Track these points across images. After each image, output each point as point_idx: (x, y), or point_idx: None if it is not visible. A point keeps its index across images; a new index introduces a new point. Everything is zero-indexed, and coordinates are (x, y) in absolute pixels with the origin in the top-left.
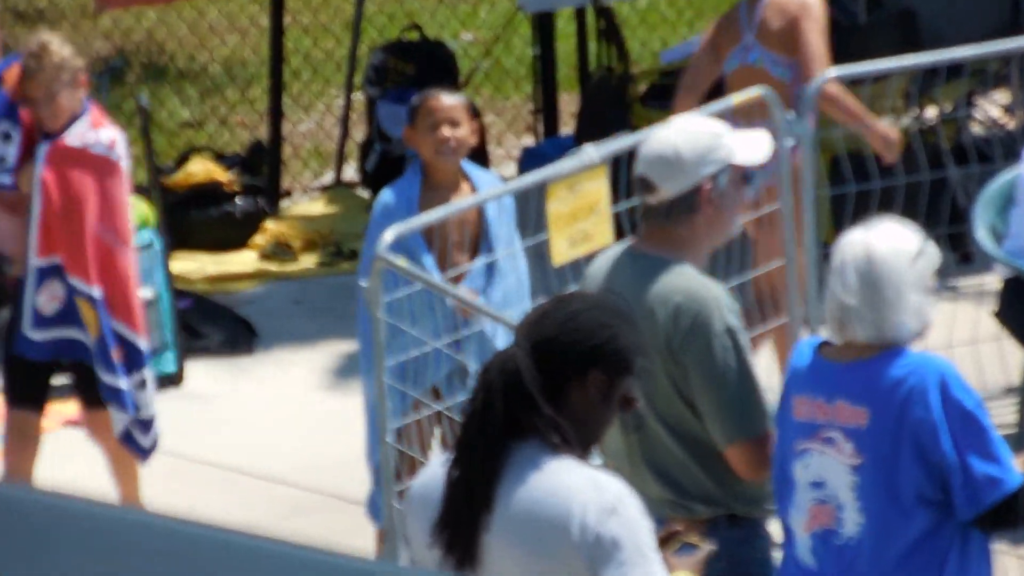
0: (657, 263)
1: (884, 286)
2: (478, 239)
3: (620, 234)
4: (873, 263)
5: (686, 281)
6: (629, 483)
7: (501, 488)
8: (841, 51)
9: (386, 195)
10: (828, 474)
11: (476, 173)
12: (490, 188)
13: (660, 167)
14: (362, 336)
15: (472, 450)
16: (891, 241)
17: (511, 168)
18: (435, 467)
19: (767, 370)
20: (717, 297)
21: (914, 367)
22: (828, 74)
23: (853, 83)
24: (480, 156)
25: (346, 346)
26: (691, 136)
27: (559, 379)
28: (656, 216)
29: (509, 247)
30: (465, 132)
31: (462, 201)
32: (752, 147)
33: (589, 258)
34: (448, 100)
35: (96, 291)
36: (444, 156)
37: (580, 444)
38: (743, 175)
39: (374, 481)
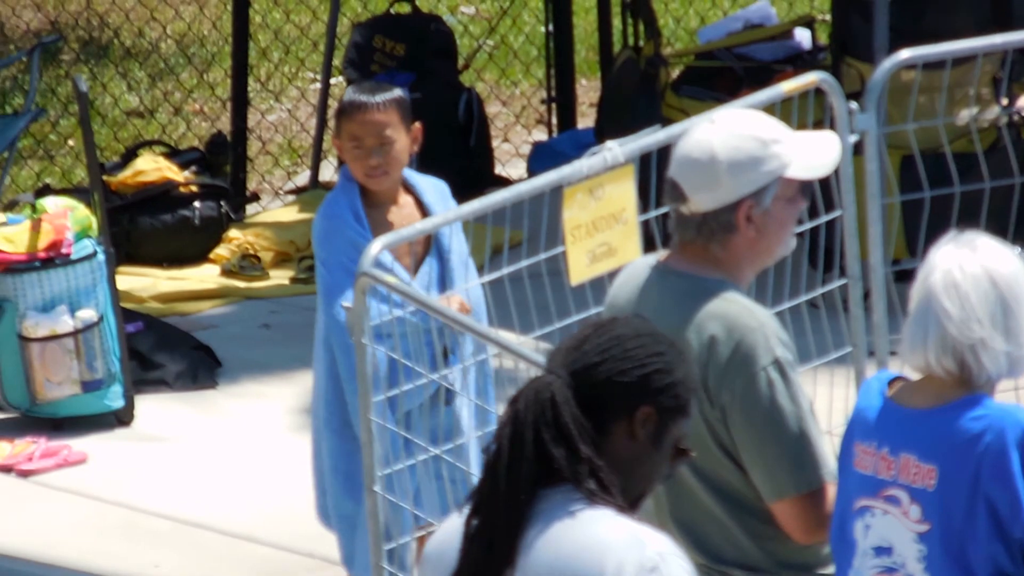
0: (691, 283)
1: (1016, 314)
2: (423, 255)
3: (651, 247)
4: (998, 286)
5: (726, 305)
6: None
7: (526, 540)
8: (916, 28)
9: (330, 207)
10: (894, 539)
11: (416, 179)
12: (433, 194)
13: (693, 173)
14: (318, 360)
15: (495, 495)
16: (1006, 261)
17: (519, 167)
18: (453, 522)
19: (825, 409)
20: (762, 323)
21: (992, 420)
22: (900, 56)
23: (929, 67)
24: (482, 153)
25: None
26: (734, 140)
27: (602, 415)
28: (688, 229)
29: (462, 261)
30: (401, 147)
31: (435, 218)
32: (814, 156)
33: (613, 276)
34: (376, 114)
35: None
36: (376, 180)
37: (622, 495)
38: (799, 189)
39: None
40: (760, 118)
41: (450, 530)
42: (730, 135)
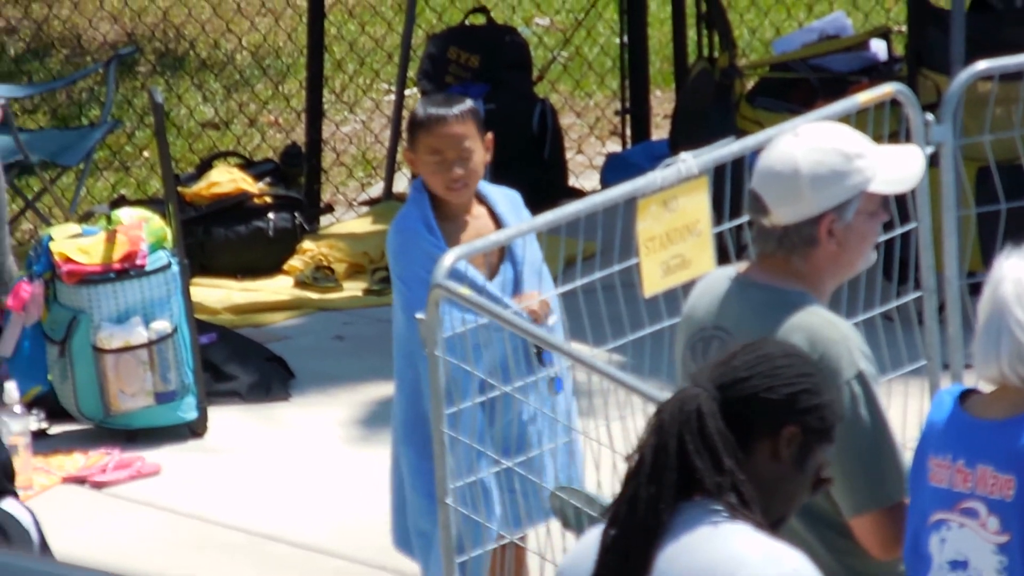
0: (772, 295)
1: None
2: (497, 264)
3: (724, 259)
4: None
5: (807, 317)
6: None
7: (662, 552)
8: (992, 39)
9: (403, 221)
10: (970, 552)
11: (489, 190)
12: (505, 204)
13: (775, 186)
14: (402, 378)
15: (634, 505)
16: None
17: (593, 178)
18: (589, 536)
19: (899, 422)
20: (845, 336)
21: None
22: (977, 67)
23: (1006, 78)
24: (556, 164)
25: None
26: (818, 153)
27: (747, 431)
28: (768, 241)
29: (535, 270)
30: (479, 159)
31: (509, 230)
32: (897, 170)
33: (687, 288)
34: (456, 126)
35: None
36: (457, 193)
37: (762, 512)
38: (881, 203)
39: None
40: (844, 131)
41: (586, 544)
42: (814, 148)
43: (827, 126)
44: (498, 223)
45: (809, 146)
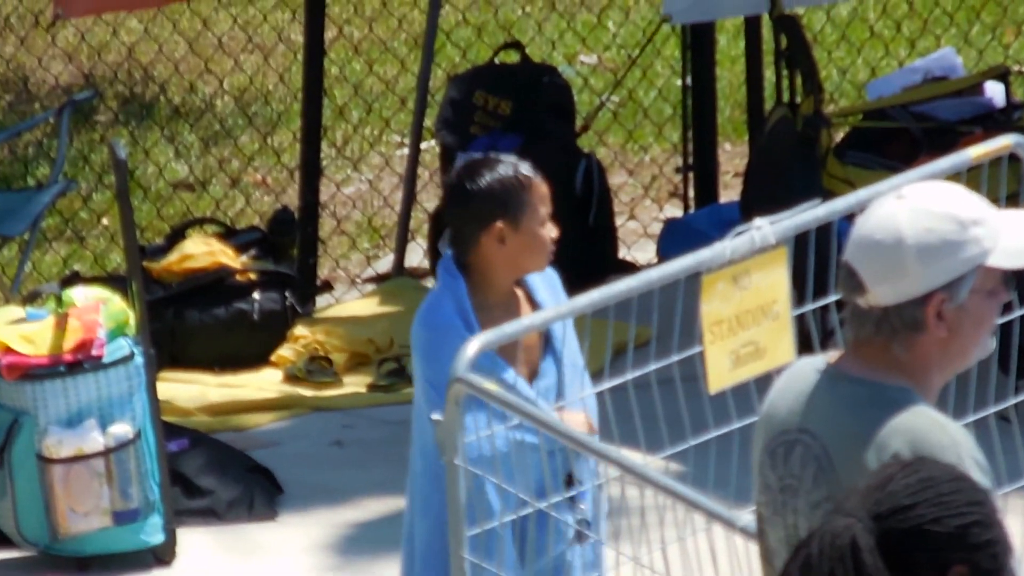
0: (868, 390)
1: None
2: (538, 361)
3: (806, 348)
4: None
5: (910, 418)
6: None
7: None
8: None
9: (434, 314)
10: None
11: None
12: (544, 288)
13: (874, 259)
14: (427, 501)
15: None
16: None
17: (648, 249)
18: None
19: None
20: (956, 442)
21: None
22: None
23: None
24: (604, 233)
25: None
26: (926, 220)
27: (909, 571)
28: (864, 325)
29: (574, 365)
30: None
31: (545, 312)
32: (1021, 240)
33: (762, 383)
34: (542, 181)
35: None
36: (544, 260)
37: None
38: (1001, 280)
39: None
40: (958, 193)
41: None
42: (921, 214)
43: (936, 186)
44: (536, 308)
45: (915, 210)
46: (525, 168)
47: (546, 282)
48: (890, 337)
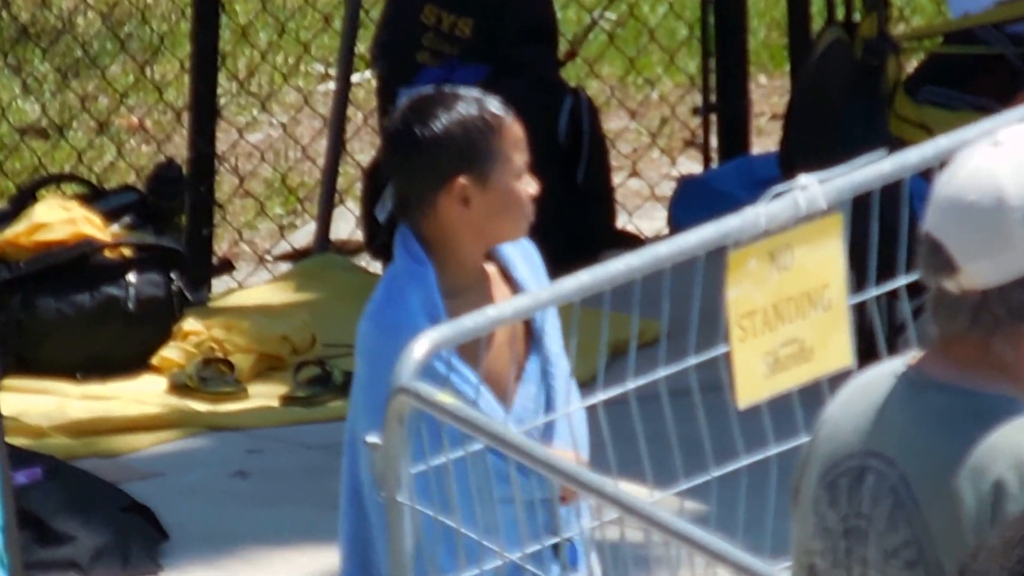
0: (962, 400)
1: None
2: (524, 359)
3: (866, 349)
4: None
5: (1016, 435)
6: None
7: None
8: None
9: (390, 309)
10: None
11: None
12: (523, 264)
13: (966, 227)
14: (352, 537)
15: None
16: None
17: (657, 216)
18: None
19: None
20: None
21: None
22: None
23: None
24: (597, 193)
25: (333, 557)
26: None
27: None
28: (956, 316)
29: (560, 366)
30: None
31: (517, 300)
32: None
33: (809, 394)
34: (516, 121)
35: None
36: (523, 225)
37: None
38: None
39: None
40: None
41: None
42: None
43: None
44: (516, 289)
45: (1019, 162)
46: (493, 105)
47: (523, 256)
48: (990, 331)
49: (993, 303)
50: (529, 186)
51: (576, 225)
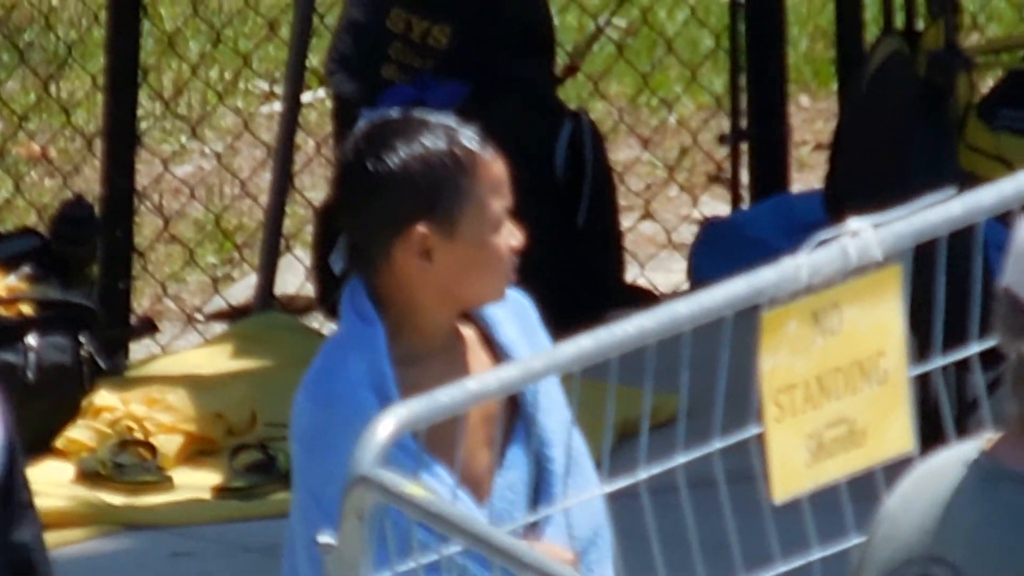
0: None
1: None
2: (505, 442)
3: (931, 430)
4: None
5: None
6: None
7: None
8: None
9: (330, 378)
10: None
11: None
12: (511, 323)
13: None
14: None
15: None
16: None
17: (674, 267)
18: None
19: None
20: None
21: None
22: None
23: None
24: (601, 239)
25: None
26: None
27: None
28: None
29: (564, 443)
30: None
31: (506, 369)
32: None
33: (861, 486)
34: (497, 156)
35: None
36: (500, 286)
37: None
38: None
39: None
40: None
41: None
42: None
43: None
44: (500, 358)
45: None
46: (467, 137)
47: (514, 313)
48: None
49: None
50: (511, 237)
51: (576, 278)
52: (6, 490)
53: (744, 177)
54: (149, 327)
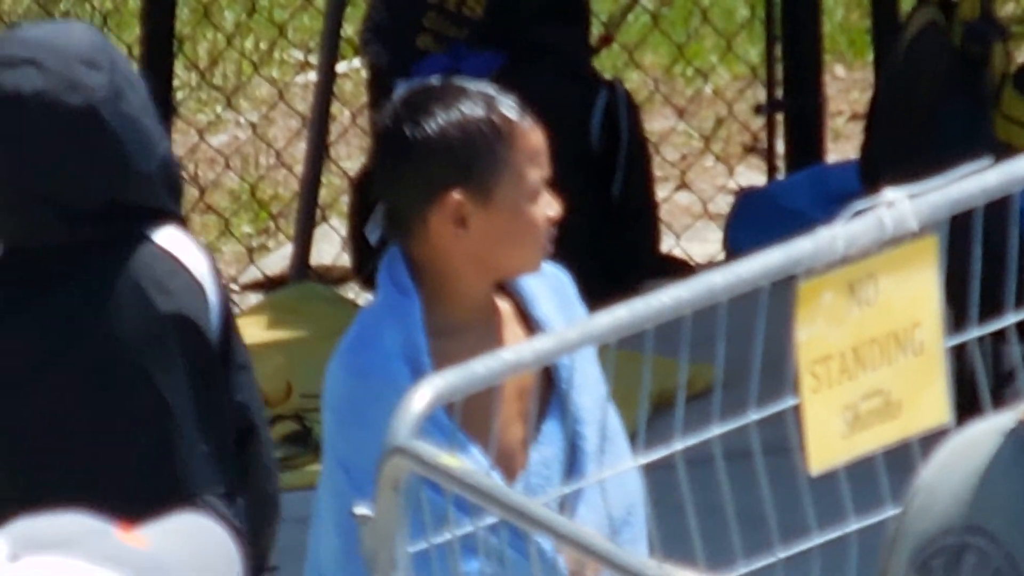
0: None
1: None
2: (541, 417)
3: (967, 401)
4: None
5: None
6: None
7: None
8: None
9: (363, 348)
10: None
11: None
12: (547, 296)
13: None
14: None
15: None
16: None
17: (711, 237)
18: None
19: None
20: None
21: None
22: None
23: None
24: (637, 209)
25: None
26: None
27: None
28: None
29: (598, 421)
30: None
31: (538, 341)
32: None
33: (897, 457)
34: (535, 126)
35: None
36: (537, 255)
37: None
38: None
39: None
40: None
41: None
42: None
43: None
44: (535, 331)
45: None
46: (506, 105)
47: (551, 288)
48: None
49: None
50: (548, 207)
51: (612, 249)
52: (224, 353)
53: (780, 147)
54: None
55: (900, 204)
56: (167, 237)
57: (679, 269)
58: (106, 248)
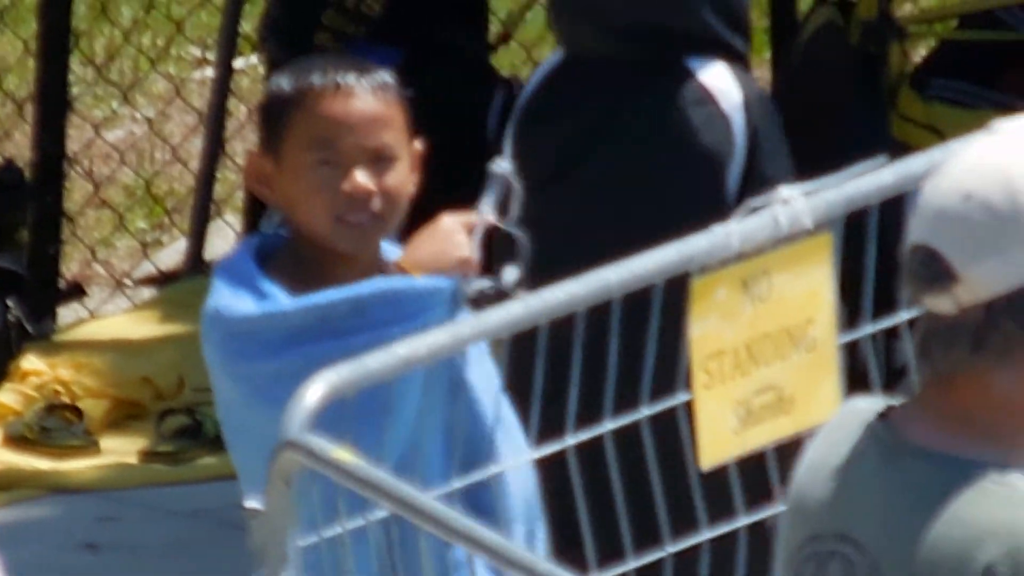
0: (944, 473)
1: None
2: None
3: (857, 386)
4: None
5: (1015, 512)
6: None
7: None
8: None
9: (220, 305)
10: None
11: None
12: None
13: (965, 226)
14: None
15: None
16: None
17: None
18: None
19: None
20: None
21: None
22: None
23: None
24: None
25: None
26: None
27: None
28: (954, 345)
29: (492, 406)
30: (403, 176)
31: (430, 337)
32: None
33: (788, 453)
34: (370, 102)
35: None
36: (355, 233)
37: None
38: None
39: None
40: None
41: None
42: None
43: None
44: None
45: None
46: (337, 74)
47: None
48: (996, 360)
49: (1000, 317)
50: (358, 179)
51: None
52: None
53: None
54: (77, 292)
55: (795, 202)
56: (710, 70)
57: None
58: (646, 70)
